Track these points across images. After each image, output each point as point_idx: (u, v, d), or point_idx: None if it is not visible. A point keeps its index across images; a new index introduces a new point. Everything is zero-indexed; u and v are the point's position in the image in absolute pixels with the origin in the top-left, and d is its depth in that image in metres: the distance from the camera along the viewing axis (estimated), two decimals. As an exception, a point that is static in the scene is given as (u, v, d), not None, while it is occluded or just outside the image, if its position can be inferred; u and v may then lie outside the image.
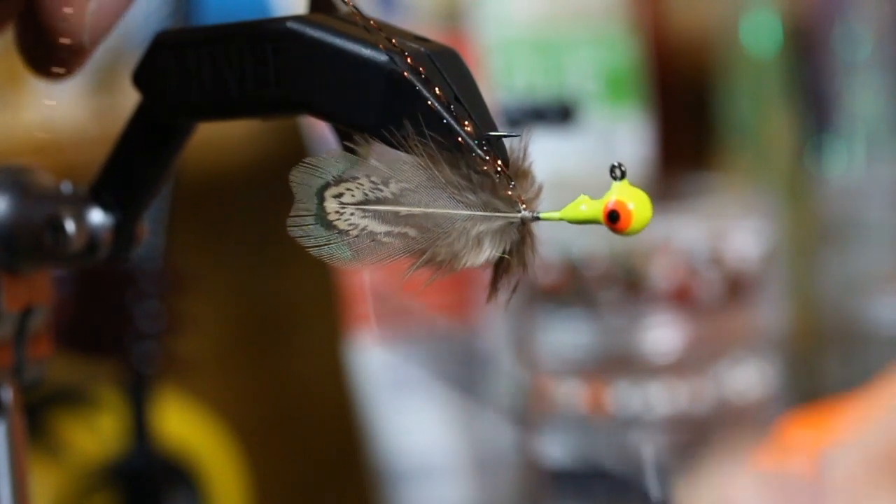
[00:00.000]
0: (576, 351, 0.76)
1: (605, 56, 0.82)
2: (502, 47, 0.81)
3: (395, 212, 0.39)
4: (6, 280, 0.48)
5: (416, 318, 0.84)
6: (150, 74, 0.43)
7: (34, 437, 0.73)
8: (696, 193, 0.81)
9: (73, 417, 0.76)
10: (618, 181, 0.38)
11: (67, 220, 0.47)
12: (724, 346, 0.77)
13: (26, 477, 0.50)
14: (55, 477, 0.74)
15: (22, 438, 0.49)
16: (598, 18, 0.82)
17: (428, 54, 0.40)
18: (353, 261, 0.39)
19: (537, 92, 0.80)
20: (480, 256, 0.39)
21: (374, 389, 0.84)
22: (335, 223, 0.39)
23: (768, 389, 0.78)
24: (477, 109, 0.39)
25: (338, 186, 0.39)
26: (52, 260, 0.48)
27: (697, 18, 1.03)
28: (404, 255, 0.39)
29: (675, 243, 0.76)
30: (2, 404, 0.49)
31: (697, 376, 0.76)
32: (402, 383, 0.84)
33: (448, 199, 0.39)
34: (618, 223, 0.38)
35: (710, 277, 0.76)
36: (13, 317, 0.49)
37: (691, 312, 0.76)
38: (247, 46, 0.41)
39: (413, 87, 0.39)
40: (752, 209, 0.81)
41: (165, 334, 0.73)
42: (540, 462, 0.76)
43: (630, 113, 0.83)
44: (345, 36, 0.40)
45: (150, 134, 0.45)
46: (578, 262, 0.76)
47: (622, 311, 0.75)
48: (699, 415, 0.76)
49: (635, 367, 0.75)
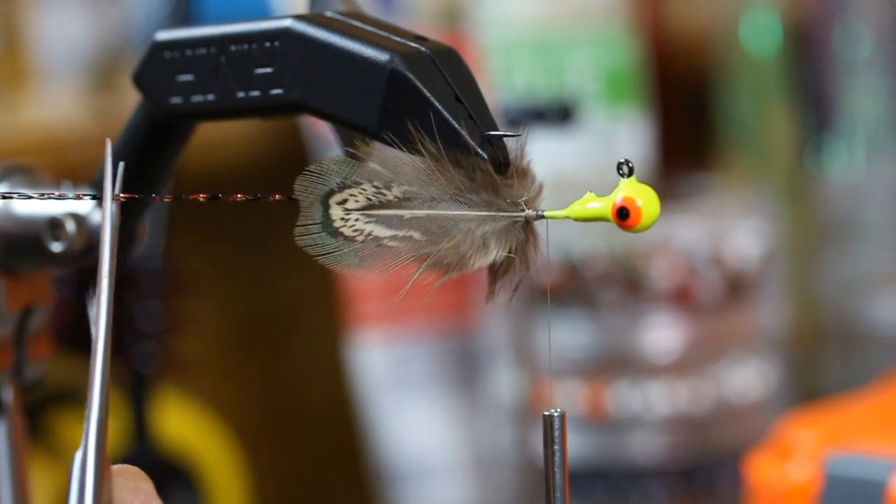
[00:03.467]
0: (576, 351, 0.76)
1: (605, 56, 0.82)
2: (502, 47, 0.81)
3: (400, 215, 0.39)
4: (6, 280, 0.48)
5: (416, 319, 0.84)
6: (150, 74, 0.43)
7: (34, 437, 0.73)
8: (696, 193, 0.81)
9: (73, 417, 0.76)
10: (626, 178, 0.38)
11: (67, 220, 0.47)
12: (724, 346, 0.77)
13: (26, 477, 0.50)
14: (55, 477, 0.74)
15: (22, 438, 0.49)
16: (598, 18, 0.82)
17: (428, 54, 0.40)
18: (361, 267, 0.39)
19: (537, 92, 0.80)
20: (487, 257, 0.39)
21: (374, 389, 0.84)
22: (341, 230, 0.39)
23: (768, 389, 0.78)
24: (477, 109, 0.39)
25: (342, 193, 0.39)
26: (52, 260, 0.48)
27: (697, 18, 1.03)
28: (411, 259, 0.39)
29: (675, 243, 0.76)
30: (2, 404, 0.49)
31: (697, 376, 0.76)
32: (402, 383, 0.84)
33: (451, 201, 0.39)
34: (627, 220, 0.38)
35: (710, 277, 0.76)
36: (13, 317, 0.49)
37: (691, 312, 0.76)
38: (247, 46, 0.41)
39: (414, 87, 0.39)
40: (752, 209, 0.80)
41: (165, 334, 0.73)
42: (540, 462, 0.75)
43: (630, 113, 0.82)
44: (346, 35, 0.40)
45: (150, 134, 0.45)
46: (578, 262, 0.76)
47: (622, 311, 0.75)
48: (699, 415, 0.76)
49: (635, 367, 0.75)
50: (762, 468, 0.61)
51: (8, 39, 0.90)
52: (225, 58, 0.42)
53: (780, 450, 0.61)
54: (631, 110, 0.83)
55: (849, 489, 0.58)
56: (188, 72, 0.42)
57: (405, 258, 0.39)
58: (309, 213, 0.39)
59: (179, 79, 0.43)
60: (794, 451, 0.60)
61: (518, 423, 0.79)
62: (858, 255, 0.92)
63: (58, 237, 0.47)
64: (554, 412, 0.39)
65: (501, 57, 0.81)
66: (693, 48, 1.01)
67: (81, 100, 0.92)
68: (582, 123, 0.80)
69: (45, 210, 0.47)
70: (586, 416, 0.75)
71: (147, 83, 0.43)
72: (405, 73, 0.39)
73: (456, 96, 0.39)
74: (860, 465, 0.58)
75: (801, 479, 0.59)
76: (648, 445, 0.75)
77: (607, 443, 0.76)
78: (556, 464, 0.40)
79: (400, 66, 0.39)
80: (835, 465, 0.59)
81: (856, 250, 0.92)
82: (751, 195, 0.85)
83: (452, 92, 0.39)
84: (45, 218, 0.47)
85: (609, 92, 0.82)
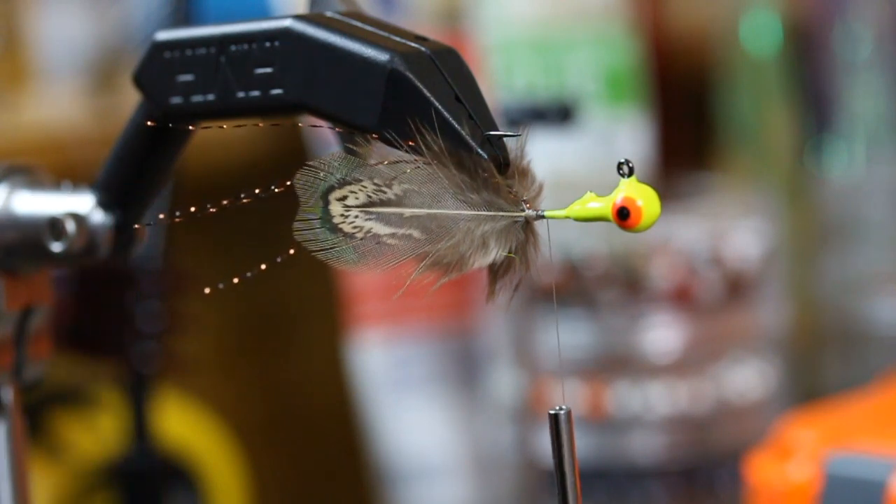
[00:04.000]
0: (576, 351, 0.76)
1: (605, 56, 0.82)
2: (502, 47, 0.81)
3: (400, 213, 0.39)
4: (6, 280, 0.48)
5: (416, 319, 0.84)
6: (150, 75, 0.43)
7: (34, 437, 0.73)
8: (696, 193, 0.81)
9: (73, 417, 0.76)
10: (626, 178, 0.38)
11: (67, 220, 0.47)
12: (724, 346, 0.77)
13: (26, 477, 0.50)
14: (55, 477, 0.74)
15: (22, 438, 0.49)
16: (598, 18, 0.82)
17: (428, 54, 0.40)
18: (359, 263, 0.39)
19: (537, 92, 0.80)
20: (487, 257, 0.39)
21: (374, 389, 0.84)
22: (340, 226, 0.39)
23: (768, 389, 0.78)
24: (478, 109, 0.39)
25: (342, 189, 0.39)
26: (52, 260, 0.48)
27: (697, 18, 1.03)
28: (410, 257, 0.39)
29: (675, 243, 0.76)
30: (2, 404, 0.49)
31: (697, 376, 0.76)
32: (402, 383, 0.84)
33: (451, 200, 0.39)
34: (627, 220, 0.38)
35: (710, 277, 0.76)
36: (13, 317, 0.49)
37: (691, 312, 0.76)
38: (247, 46, 0.41)
39: (414, 87, 0.39)
40: (752, 209, 0.80)
41: (165, 334, 0.73)
42: (540, 462, 0.75)
43: (630, 113, 0.82)
44: (346, 35, 0.40)
45: (150, 134, 0.45)
46: (578, 262, 0.76)
47: (622, 311, 0.75)
48: (699, 415, 0.76)
49: (635, 367, 0.75)
50: (762, 468, 0.61)
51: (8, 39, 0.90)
52: (225, 58, 0.42)
53: (780, 450, 0.61)
54: (631, 110, 0.83)
55: (849, 489, 0.58)
56: (188, 72, 0.42)
57: (404, 256, 0.39)
58: (308, 207, 0.39)
59: (179, 79, 0.43)
60: (794, 451, 0.60)
61: (518, 423, 0.79)
62: (858, 255, 0.92)
63: (58, 237, 0.47)
64: (559, 409, 0.39)
65: (501, 57, 0.81)
66: (693, 48, 1.01)
67: (81, 100, 0.92)
68: (582, 123, 0.80)
69: (45, 210, 0.47)
70: (586, 416, 0.75)
71: (146, 83, 0.43)
72: (405, 73, 0.39)
73: (456, 96, 0.39)
74: (860, 465, 0.58)
75: (801, 479, 0.59)
76: (648, 445, 0.75)
77: (607, 443, 0.76)
78: (566, 463, 0.39)
79: (400, 66, 0.39)
80: (835, 465, 0.59)
81: (856, 250, 0.92)
82: (751, 195, 0.85)
83: (452, 92, 0.39)
84: (45, 218, 0.47)
85: (609, 92, 0.82)
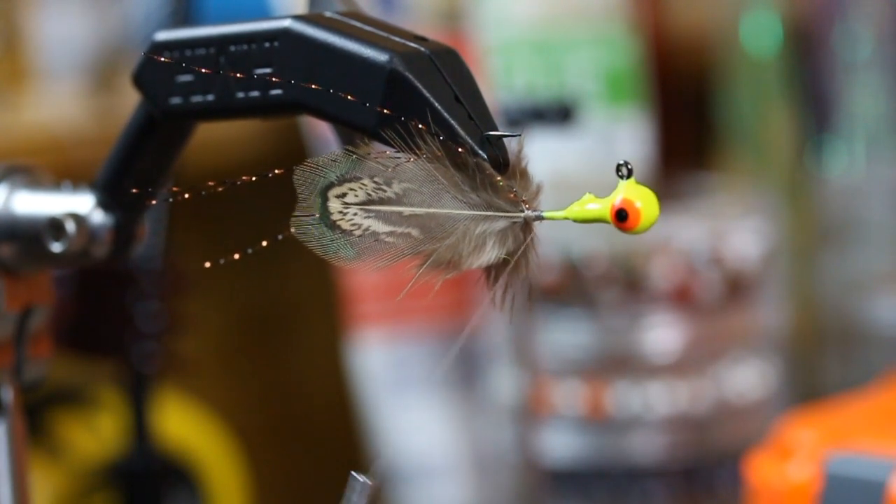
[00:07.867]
0: (576, 351, 0.76)
1: (605, 56, 0.82)
2: (502, 47, 0.81)
3: (399, 212, 0.39)
4: (6, 280, 0.48)
5: (416, 319, 0.84)
6: (150, 74, 0.43)
7: (34, 437, 0.73)
8: (696, 193, 0.81)
9: (73, 417, 0.76)
10: (624, 179, 0.38)
11: (67, 221, 0.47)
12: (724, 346, 0.77)
13: (26, 477, 0.50)
14: (55, 477, 0.74)
15: (22, 438, 0.49)
16: (598, 18, 0.82)
17: (428, 54, 0.40)
18: (357, 260, 0.39)
19: (537, 92, 0.80)
20: (484, 257, 0.39)
21: (374, 389, 0.84)
22: (339, 223, 0.39)
23: (768, 389, 0.78)
24: (477, 109, 0.39)
25: (341, 186, 0.39)
26: (52, 260, 0.48)
27: (697, 18, 1.03)
28: (408, 256, 0.39)
29: (675, 243, 0.76)
30: (2, 404, 0.49)
31: (697, 376, 0.76)
32: (402, 383, 0.84)
33: (450, 199, 0.39)
34: (626, 222, 0.38)
35: (710, 277, 0.76)
36: (13, 317, 0.49)
37: (691, 312, 0.76)
38: (247, 46, 0.41)
39: (414, 87, 0.39)
40: (752, 209, 0.81)
41: (165, 334, 0.73)
42: (540, 462, 0.75)
43: (630, 113, 0.83)
44: (345, 35, 0.40)
45: (150, 134, 0.45)
46: (578, 262, 0.76)
47: (622, 311, 0.75)
48: (699, 415, 0.76)
49: (635, 367, 0.75)
50: (762, 468, 0.61)
51: (8, 39, 0.90)
52: (224, 58, 0.42)
53: (780, 450, 0.61)
54: (631, 110, 0.83)
55: (849, 489, 0.58)
56: (188, 72, 0.42)
57: (402, 255, 0.39)
58: (307, 203, 0.39)
59: (179, 79, 0.43)
60: (794, 451, 0.60)
61: (518, 423, 0.79)
62: (858, 255, 0.92)
63: (58, 237, 0.47)
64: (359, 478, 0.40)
65: (501, 57, 0.81)
66: (693, 48, 1.01)
67: (81, 100, 0.92)
68: (582, 123, 0.80)
69: (45, 210, 0.47)
70: (586, 416, 0.75)
71: (146, 83, 0.43)
72: (405, 74, 0.39)
73: (455, 96, 0.39)
74: (860, 465, 0.58)
75: (801, 479, 0.59)
76: (648, 445, 0.75)
77: (607, 443, 0.76)
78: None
79: (399, 66, 0.39)
80: (835, 465, 0.59)
81: (856, 250, 0.92)
82: (751, 195, 0.85)
83: (452, 92, 0.39)
84: (45, 218, 0.47)
85: (609, 92, 0.82)
